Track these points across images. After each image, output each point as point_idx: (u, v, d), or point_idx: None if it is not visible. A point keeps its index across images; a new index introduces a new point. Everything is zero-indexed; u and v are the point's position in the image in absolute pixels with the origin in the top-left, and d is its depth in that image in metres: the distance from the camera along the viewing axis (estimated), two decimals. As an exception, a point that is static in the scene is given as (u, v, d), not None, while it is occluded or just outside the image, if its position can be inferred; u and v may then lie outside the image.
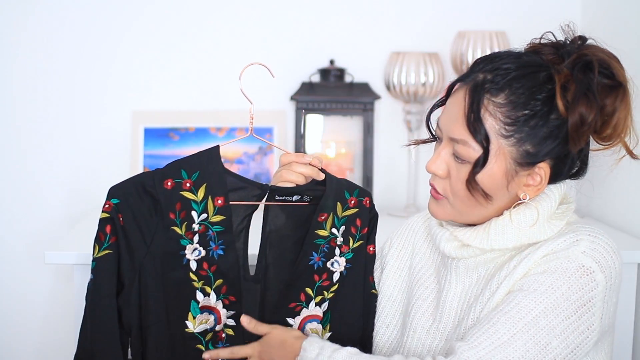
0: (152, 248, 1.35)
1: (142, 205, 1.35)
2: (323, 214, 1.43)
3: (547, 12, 2.32)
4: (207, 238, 1.37)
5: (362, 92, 2.30)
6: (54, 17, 2.28)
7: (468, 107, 1.28)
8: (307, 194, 1.43)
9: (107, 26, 2.30)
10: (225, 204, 1.37)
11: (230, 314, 1.40)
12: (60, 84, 2.29)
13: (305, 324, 1.44)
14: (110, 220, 1.34)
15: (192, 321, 1.38)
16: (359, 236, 1.47)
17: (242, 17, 2.33)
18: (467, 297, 1.37)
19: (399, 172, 2.37)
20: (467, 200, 1.32)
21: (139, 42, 2.31)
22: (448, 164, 1.33)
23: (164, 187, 1.35)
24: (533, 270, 1.28)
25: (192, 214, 1.36)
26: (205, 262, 1.38)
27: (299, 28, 2.34)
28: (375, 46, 2.35)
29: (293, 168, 1.43)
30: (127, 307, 1.35)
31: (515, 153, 1.28)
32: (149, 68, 2.30)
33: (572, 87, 1.26)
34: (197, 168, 1.37)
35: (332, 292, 1.45)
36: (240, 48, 2.33)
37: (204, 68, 2.33)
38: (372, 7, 2.35)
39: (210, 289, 1.38)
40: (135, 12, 2.30)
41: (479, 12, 2.35)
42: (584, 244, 1.27)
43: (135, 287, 1.35)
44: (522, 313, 1.24)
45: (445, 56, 2.29)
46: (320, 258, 1.44)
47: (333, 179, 1.45)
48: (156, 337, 1.37)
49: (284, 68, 2.32)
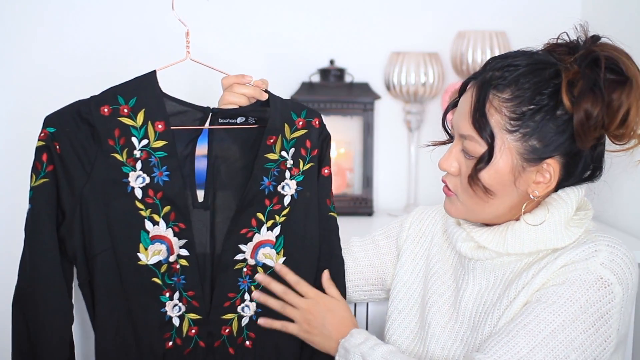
0: (93, 176, 1.32)
1: (79, 132, 1.32)
2: (271, 136, 1.40)
3: (547, 12, 2.32)
4: (150, 164, 1.34)
5: (362, 92, 2.30)
6: (55, 17, 2.28)
7: (474, 103, 1.29)
8: (251, 115, 1.40)
9: (107, 26, 2.30)
10: (166, 129, 1.35)
11: (182, 242, 1.37)
12: (60, 84, 2.29)
13: (258, 249, 1.42)
14: (46, 148, 1.31)
15: (145, 252, 1.35)
16: (309, 158, 1.45)
17: (242, 17, 2.33)
18: (482, 300, 1.36)
19: (399, 172, 2.37)
20: (474, 197, 1.32)
21: (139, 42, 2.31)
22: (459, 161, 1.33)
23: (100, 114, 1.33)
24: (552, 281, 1.28)
25: (133, 140, 1.33)
26: (150, 189, 1.35)
27: (299, 28, 2.34)
28: (375, 46, 2.35)
29: (234, 89, 1.42)
30: (70, 237, 1.33)
31: (521, 148, 1.28)
32: (149, 68, 2.30)
33: (579, 82, 1.26)
34: (134, 93, 1.35)
35: (283, 216, 1.43)
36: (240, 48, 2.33)
37: (203, 68, 2.33)
38: (372, 7, 2.35)
39: (159, 217, 1.35)
40: (136, 11, 2.30)
41: (479, 12, 2.35)
42: (602, 255, 1.27)
43: (77, 216, 1.32)
44: (541, 326, 1.23)
45: (445, 56, 2.29)
46: (271, 182, 1.41)
47: (277, 100, 1.43)
48: (103, 266, 1.34)
49: (284, 68, 2.32)
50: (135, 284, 1.36)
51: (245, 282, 1.43)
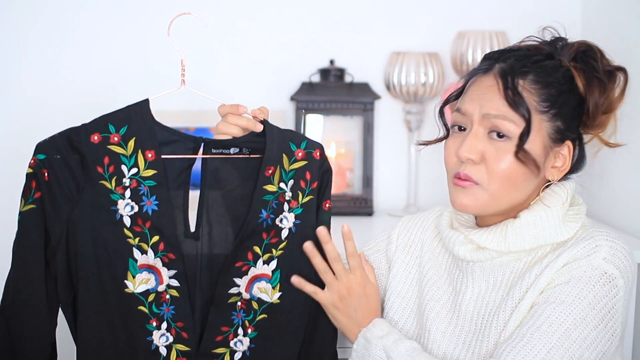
0: (81, 203, 1.33)
1: (69, 160, 1.33)
2: (270, 167, 1.38)
3: (547, 12, 2.31)
4: (139, 193, 1.34)
5: (362, 92, 2.30)
6: (55, 17, 2.28)
7: (503, 85, 1.31)
8: (245, 146, 1.39)
9: (108, 26, 2.30)
10: (156, 158, 1.34)
11: (172, 273, 1.36)
12: (60, 84, 2.29)
13: (253, 283, 1.40)
14: (34, 175, 1.33)
15: (132, 280, 1.34)
16: (309, 190, 1.42)
17: (242, 17, 2.33)
18: (484, 302, 1.36)
19: (399, 172, 2.37)
20: (506, 182, 1.31)
21: (139, 42, 2.31)
22: (482, 147, 1.32)
23: (90, 142, 1.33)
24: (556, 280, 1.29)
25: (122, 168, 1.33)
26: (139, 218, 1.34)
27: (299, 28, 2.34)
28: (375, 46, 2.35)
29: (228, 119, 1.40)
30: (54, 260, 1.34)
31: (550, 129, 1.32)
32: (149, 68, 2.30)
33: (581, 72, 1.32)
34: (125, 122, 1.34)
35: (280, 250, 1.40)
36: (240, 48, 2.33)
37: (204, 68, 2.33)
38: (372, 7, 2.35)
39: (147, 246, 1.34)
40: (136, 12, 2.30)
41: (479, 12, 2.35)
42: (604, 250, 1.28)
43: (62, 241, 1.33)
44: (554, 327, 1.24)
45: (445, 56, 2.29)
46: (269, 215, 1.39)
47: (274, 130, 1.40)
48: (86, 291, 1.34)
49: (284, 68, 2.32)
50: (121, 311, 1.35)
51: (240, 316, 1.40)
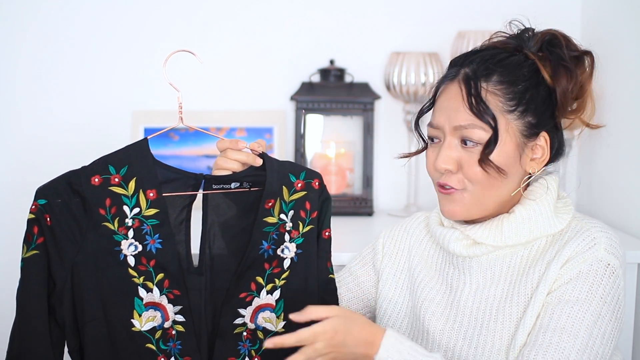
0: (84, 246, 1.33)
1: (70, 203, 1.33)
2: (269, 200, 1.39)
3: (547, 13, 2.30)
4: (142, 232, 1.34)
5: (362, 92, 2.30)
6: (56, 17, 2.28)
7: (466, 94, 1.33)
8: (245, 180, 1.40)
9: (108, 27, 2.30)
10: (158, 197, 1.35)
11: (178, 309, 1.37)
12: (61, 84, 2.29)
13: (257, 313, 1.41)
14: (36, 221, 1.32)
15: (139, 319, 1.35)
16: (309, 220, 1.43)
17: (242, 17, 2.33)
18: (484, 296, 1.38)
19: (399, 172, 2.36)
20: (486, 182, 1.33)
21: (140, 42, 2.31)
22: (457, 156, 1.34)
23: (91, 184, 1.33)
24: (564, 276, 1.32)
25: (124, 208, 1.34)
26: (143, 257, 1.35)
27: (299, 28, 2.34)
28: (375, 46, 2.35)
29: (228, 155, 1.40)
30: (60, 306, 1.33)
31: (520, 125, 1.34)
32: (149, 68, 2.30)
33: (547, 62, 1.35)
34: (125, 162, 1.35)
35: (283, 279, 1.42)
36: (240, 48, 2.33)
37: (203, 68, 2.33)
38: (372, 7, 2.35)
39: (152, 284, 1.35)
40: (137, 13, 2.30)
41: (479, 12, 2.35)
42: (603, 242, 1.33)
43: (67, 286, 1.33)
44: (577, 327, 1.27)
45: (445, 56, 2.29)
46: (270, 246, 1.40)
47: (274, 163, 1.41)
48: (93, 334, 1.34)
49: (284, 68, 2.33)
50: (129, 350, 1.35)
51: (246, 347, 1.41)
